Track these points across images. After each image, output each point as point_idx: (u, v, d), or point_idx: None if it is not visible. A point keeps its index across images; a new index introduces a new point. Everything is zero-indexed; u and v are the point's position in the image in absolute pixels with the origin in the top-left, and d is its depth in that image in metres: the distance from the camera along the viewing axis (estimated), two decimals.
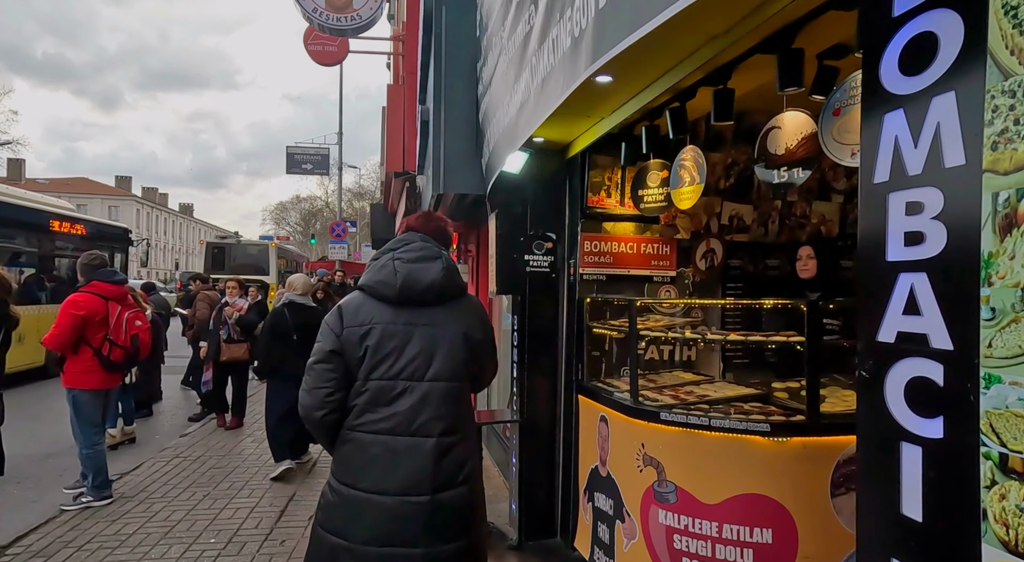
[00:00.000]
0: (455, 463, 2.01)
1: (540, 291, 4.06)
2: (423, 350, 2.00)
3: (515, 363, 4.20)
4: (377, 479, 1.93)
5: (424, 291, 2.04)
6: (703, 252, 4.05)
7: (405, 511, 1.92)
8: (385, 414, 1.96)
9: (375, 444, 1.95)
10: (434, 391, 1.99)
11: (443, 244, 2.22)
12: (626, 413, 3.18)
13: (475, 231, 7.29)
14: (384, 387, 1.97)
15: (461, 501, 2.01)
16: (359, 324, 2.00)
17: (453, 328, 2.06)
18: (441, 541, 1.95)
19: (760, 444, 2.75)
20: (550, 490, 4.08)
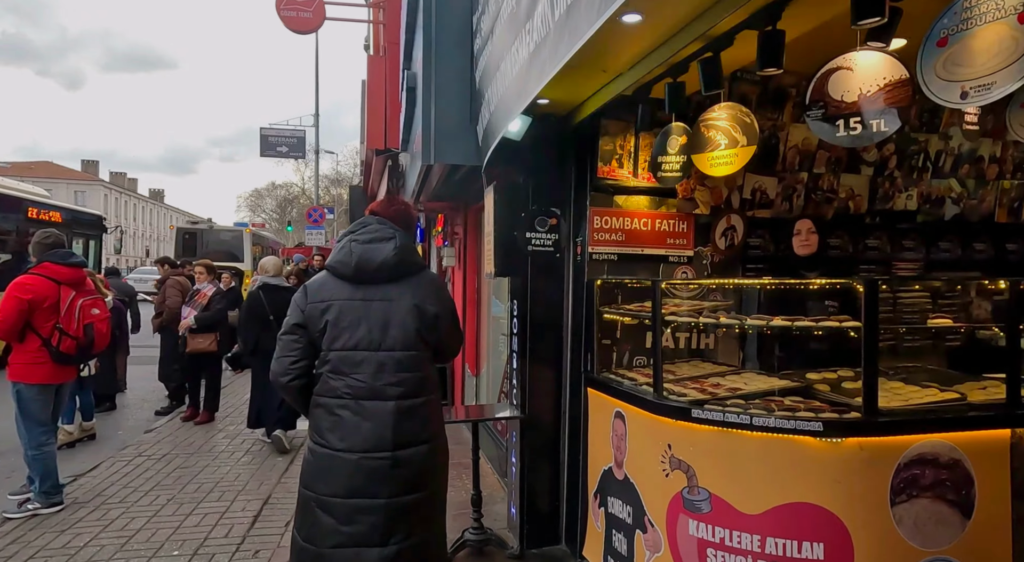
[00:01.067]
0: (415, 424, 2.22)
1: (543, 273, 3.65)
2: (378, 323, 2.22)
3: (515, 353, 3.80)
4: (343, 438, 2.16)
5: (377, 269, 2.25)
6: (723, 229, 3.67)
7: (369, 466, 2.15)
8: (347, 381, 2.19)
9: (340, 407, 2.18)
10: (390, 360, 2.20)
11: (404, 226, 2.39)
12: (648, 409, 2.79)
13: (463, 212, 6.85)
14: (344, 357, 2.20)
15: (421, 457, 2.23)
16: (320, 300, 2.24)
17: (406, 302, 2.26)
18: (402, 492, 2.18)
19: (810, 446, 2.38)
20: (554, 492, 3.70)
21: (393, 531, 2.16)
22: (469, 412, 3.73)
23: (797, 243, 3.35)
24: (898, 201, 4.03)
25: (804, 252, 3.37)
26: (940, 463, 2.45)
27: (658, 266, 3.59)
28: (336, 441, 2.18)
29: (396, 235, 2.31)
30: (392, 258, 2.26)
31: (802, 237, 3.36)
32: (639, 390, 2.97)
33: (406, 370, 2.22)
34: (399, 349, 2.23)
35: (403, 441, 2.19)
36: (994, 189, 4.20)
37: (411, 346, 2.25)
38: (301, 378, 2.24)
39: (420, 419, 2.24)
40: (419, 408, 2.25)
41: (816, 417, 2.41)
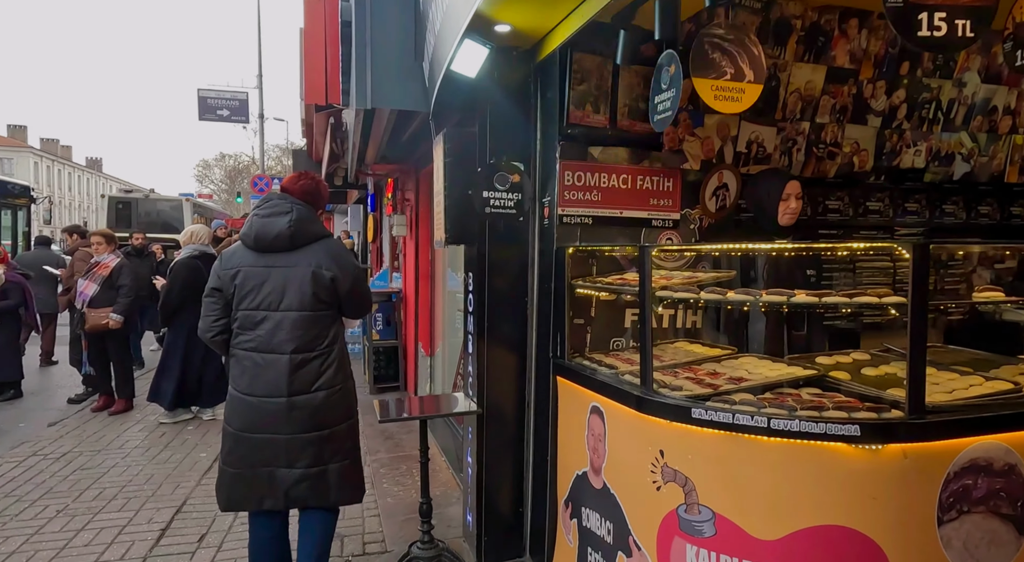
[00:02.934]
0: (309, 375, 2.53)
1: (503, 239, 3.06)
2: (277, 287, 2.52)
3: (470, 334, 3.21)
4: (248, 384, 2.52)
5: (274, 240, 2.53)
6: (714, 188, 3.13)
7: (268, 408, 2.49)
8: (251, 336, 2.52)
9: (245, 358, 2.53)
10: (286, 319, 2.51)
11: (311, 201, 2.67)
12: (635, 406, 2.25)
13: (414, 176, 6.17)
14: (248, 316, 2.53)
15: (317, 402, 2.54)
16: (231, 267, 2.55)
17: (303, 268, 2.54)
18: (301, 431, 2.51)
19: (843, 455, 1.88)
20: (517, 498, 3.16)
21: (298, 459, 2.53)
22: (417, 406, 3.15)
23: (783, 210, 2.82)
24: (905, 157, 3.55)
25: (788, 221, 2.85)
26: (994, 470, 1.98)
27: (639, 231, 3.03)
28: (244, 386, 2.54)
29: (293, 210, 2.56)
30: (286, 230, 2.53)
31: (790, 204, 2.82)
32: (622, 382, 2.43)
33: (299, 328, 2.53)
34: (295, 309, 2.52)
35: (298, 389, 2.52)
36: (1006, 145, 3.76)
37: (307, 307, 2.54)
38: (222, 334, 2.59)
39: (314, 370, 2.55)
40: (313, 361, 2.55)
41: (850, 418, 1.90)
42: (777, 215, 2.82)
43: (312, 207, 2.65)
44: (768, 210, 2.85)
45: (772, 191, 2.83)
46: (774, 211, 2.83)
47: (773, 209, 2.83)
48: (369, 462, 4.46)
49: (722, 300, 2.08)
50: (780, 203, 2.80)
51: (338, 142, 6.66)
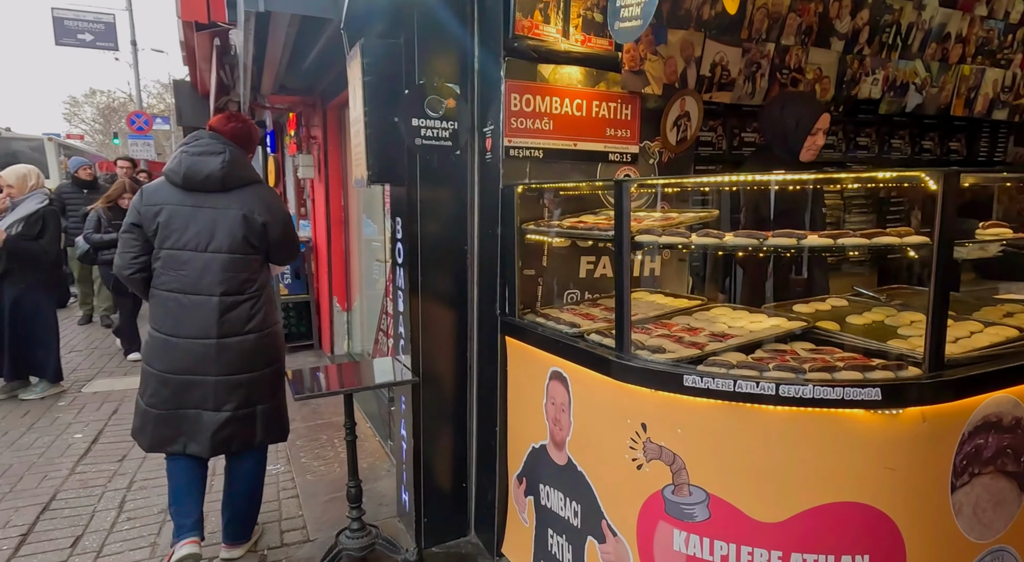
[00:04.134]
0: (240, 317, 2.49)
1: (438, 177, 2.58)
2: (205, 228, 2.45)
3: (400, 290, 2.75)
4: (173, 326, 2.46)
5: (204, 180, 2.44)
6: (675, 117, 2.76)
7: (197, 350, 2.45)
8: (175, 277, 2.45)
9: (170, 300, 2.46)
10: (214, 261, 2.45)
11: (242, 143, 2.60)
12: (609, 372, 1.90)
13: (321, 109, 5.44)
14: (173, 256, 2.45)
15: (245, 345, 2.50)
16: (154, 204, 2.46)
17: (234, 211, 2.47)
18: (229, 372, 2.48)
19: (859, 422, 1.62)
20: (460, 472, 2.80)
21: (225, 401, 2.48)
22: (338, 377, 2.67)
23: (810, 144, 2.53)
24: (863, 86, 3.33)
25: (810, 158, 2.57)
26: (1003, 426, 1.79)
27: (595, 167, 2.63)
28: (169, 328, 2.46)
29: (226, 150, 2.48)
30: (218, 171, 2.44)
31: (818, 140, 2.54)
32: (591, 343, 2.07)
33: (229, 271, 2.45)
34: (224, 252, 2.45)
35: (227, 331, 2.46)
36: (954, 75, 3.62)
37: (236, 250, 2.46)
38: (141, 272, 2.49)
39: (245, 313, 2.49)
40: (242, 304, 2.49)
41: (866, 380, 1.63)
42: (800, 149, 2.51)
43: (243, 150, 2.57)
44: (792, 142, 2.52)
45: (804, 120, 2.51)
46: (799, 144, 2.51)
47: (799, 142, 2.51)
48: None
49: (721, 245, 1.73)
50: (809, 137, 2.48)
51: (227, 70, 5.76)
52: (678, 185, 2.21)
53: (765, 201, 2.34)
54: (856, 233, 1.66)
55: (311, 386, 2.46)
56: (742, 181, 1.92)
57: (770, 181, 1.94)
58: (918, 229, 1.73)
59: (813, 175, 1.79)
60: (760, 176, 1.72)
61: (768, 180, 1.89)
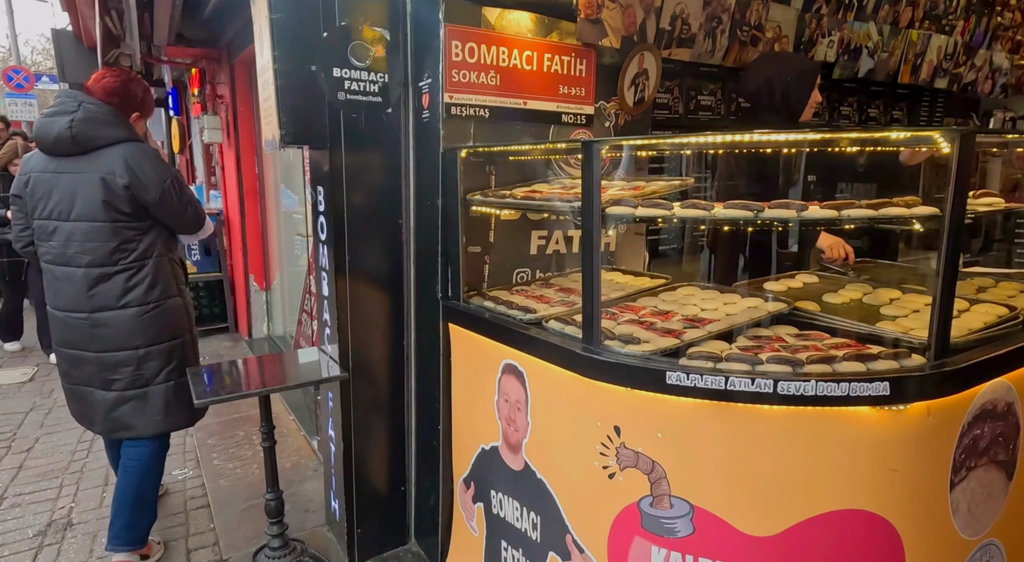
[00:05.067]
0: (113, 290, 2.29)
1: (366, 139, 2.21)
2: (66, 194, 2.26)
3: (324, 271, 2.38)
4: (52, 298, 2.34)
5: (55, 143, 2.24)
6: (633, 75, 2.48)
7: (74, 324, 2.31)
8: (47, 248, 2.31)
9: (47, 271, 2.34)
10: (78, 230, 2.26)
11: (113, 100, 2.33)
12: (576, 367, 1.63)
13: (227, 64, 4.85)
14: (41, 226, 2.31)
15: (122, 320, 2.30)
16: (25, 172, 2.34)
17: (90, 175, 2.24)
18: (110, 349, 2.31)
19: (864, 420, 1.42)
20: (398, 475, 2.50)
21: (110, 380, 2.33)
22: (251, 373, 2.29)
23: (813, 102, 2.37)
24: (819, 49, 3.16)
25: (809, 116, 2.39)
26: (998, 413, 1.66)
27: (547, 129, 2.33)
28: (51, 300, 2.36)
29: (79, 108, 2.24)
30: (66, 132, 2.21)
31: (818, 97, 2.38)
32: (551, 332, 1.79)
33: (93, 240, 2.26)
34: (87, 220, 2.25)
35: (98, 305, 2.29)
36: (903, 40, 3.52)
37: (100, 217, 2.26)
38: (32, 245, 2.37)
39: (119, 286, 2.29)
40: (116, 276, 2.29)
41: (870, 372, 1.43)
42: (804, 108, 2.30)
43: (116, 109, 2.32)
44: (795, 100, 2.30)
45: (807, 76, 2.29)
46: (803, 102, 2.29)
47: (802, 100, 2.29)
48: (191, 431, 3.52)
49: (710, 218, 1.47)
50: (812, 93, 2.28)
51: (113, 16, 5.03)
52: (653, 147, 1.94)
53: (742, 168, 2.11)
54: (862, 204, 1.44)
55: (217, 386, 2.07)
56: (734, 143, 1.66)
57: (770, 142, 1.69)
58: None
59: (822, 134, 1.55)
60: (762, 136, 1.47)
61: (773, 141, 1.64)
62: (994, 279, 2.24)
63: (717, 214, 1.47)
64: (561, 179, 2.30)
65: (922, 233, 3.35)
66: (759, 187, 2.08)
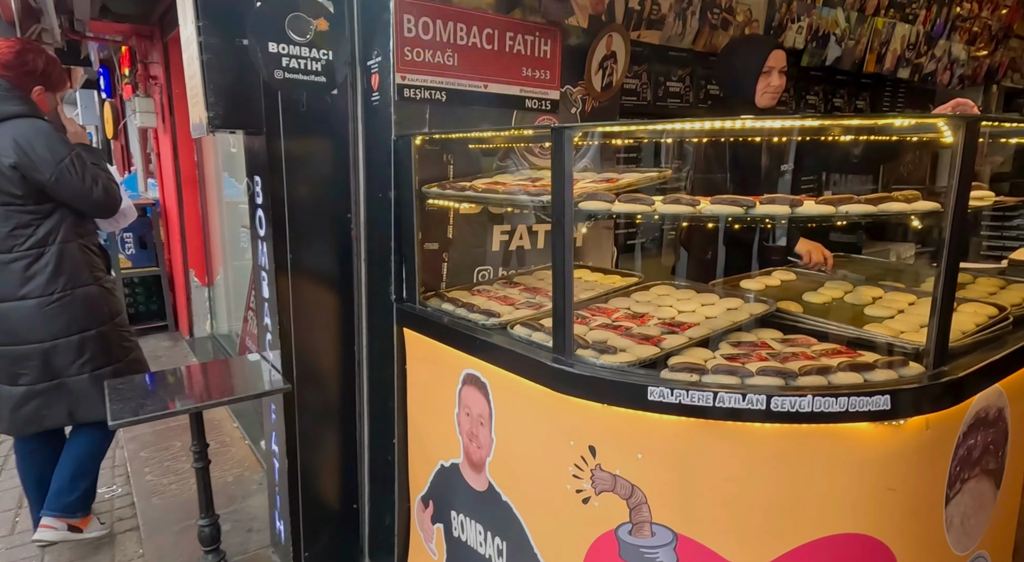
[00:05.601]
0: (11, 280, 2.15)
1: (309, 123, 1.98)
2: None
3: (264, 271, 2.15)
4: None
5: None
6: (601, 58, 2.32)
7: None
8: None
9: None
10: None
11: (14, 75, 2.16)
12: (546, 381, 1.47)
13: (160, 41, 4.49)
14: None
15: (23, 312, 2.16)
16: None
17: None
18: (11, 342, 2.18)
19: (861, 436, 1.30)
20: (350, 491, 2.30)
21: (16, 374, 2.21)
22: (188, 385, 2.05)
23: (763, 88, 2.20)
24: (788, 35, 3.06)
25: (769, 102, 2.23)
26: (990, 421, 1.57)
27: (510, 115, 2.15)
28: None
29: None
30: None
31: (772, 80, 2.21)
32: (517, 339, 1.62)
33: None
34: None
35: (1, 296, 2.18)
36: (869, 28, 3.46)
37: None
38: None
39: (17, 275, 2.16)
40: (11, 264, 2.16)
41: (867, 384, 1.31)
42: (755, 94, 2.16)
43: (11, 82, 2.14)
44: (744, 88, 2.17)
45: (751, 63, 2.18)
46: (751, 89, 2.17)
47: (750, 87, 2.17)
48: (121, 442, 3.24)
49: (695, 215, 1.32)
50: (760, 78, 2.14)
51: None
52: (630, 135, 1.76)
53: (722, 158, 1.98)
54: (861, 199, 1.31)
55: (139, 402, 1.83)
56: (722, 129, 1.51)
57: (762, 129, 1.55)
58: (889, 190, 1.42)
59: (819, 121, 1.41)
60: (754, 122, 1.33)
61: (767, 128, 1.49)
62: (972, 275, 2.17)
63: (704, 210, 1.31)
64: (527, 171, 2.12)
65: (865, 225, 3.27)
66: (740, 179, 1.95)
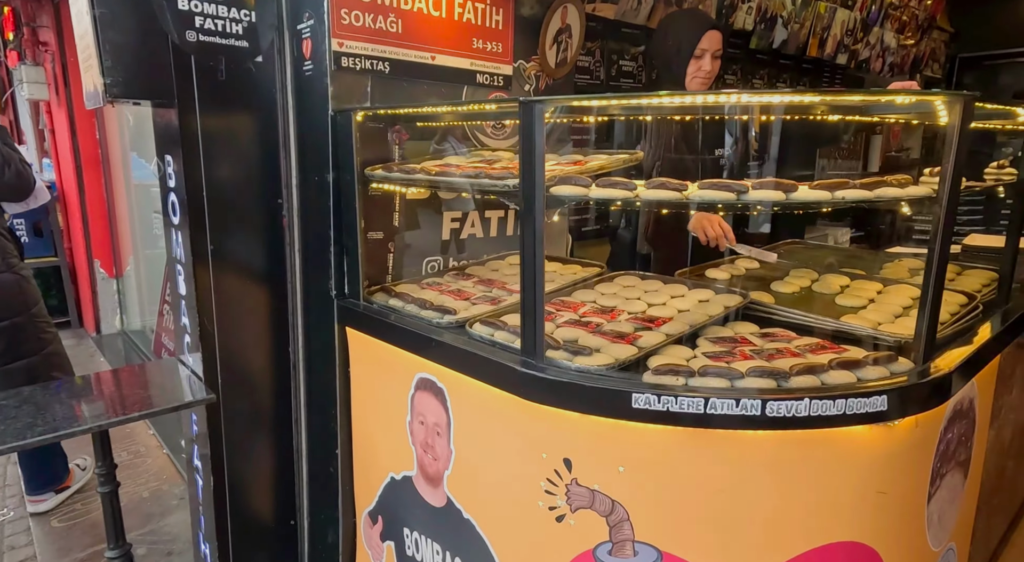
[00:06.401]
0: None
1: (229, 94, 1.73)
2: None
3: (179, 264, 1.89)
4: None
5: None
6: (556, 31, 2.15)
7: None
8: None
9: None
10: None
11: None
12: (512, 388, 1.31)
13: (51, 4, 3.99)
14: None
15: None
16: None
17: None
18: None
19: (856, 439, 1.21)
20: (286, 506, 2.08)
21: None
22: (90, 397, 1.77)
23: (693, 72, 2.02)
24: (738, 16, 3.00)
25: (698, 87, 2.07)
26: (963, 412, 1.54)
27: (460, 91, 1.95)
28: None
29: None
30: None
31: (703, 65, 2.03)
32: (477, 339, 1.45)
33: None
34: None
35: None
36: (812, 12, 3.45)
37: None
38: None
39: None
40: None
41: (860, 384, 1.22)
42: (685, 77, 1.99)
43: None
44: (674, 70, 2.00)
45: (683, 43, 1.98)
46: (680, 72, 2.00)
47: (680, 70, 1.99)
48: (12, 457, 2.87)
49: (682, 201, 1.18)
50: (691, 62, 1.97)
51: None
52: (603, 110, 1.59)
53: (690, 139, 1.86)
54: (856, 184, 1.21)
55: (27, 422, 1.55)
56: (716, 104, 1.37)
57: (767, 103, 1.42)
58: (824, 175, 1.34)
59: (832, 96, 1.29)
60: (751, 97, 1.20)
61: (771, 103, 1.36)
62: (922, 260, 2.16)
63: (692, 196, 1.18)
64: (480, 151, 1.94)
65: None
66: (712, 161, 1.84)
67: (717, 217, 1.97)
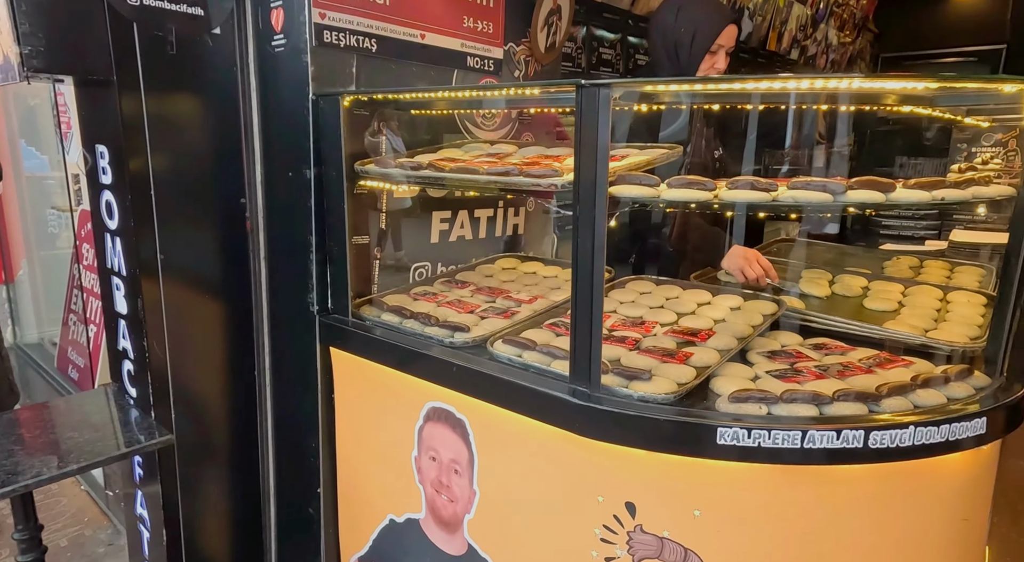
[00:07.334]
0: None
1: (181, 72, 1.42)
2: None
3: (118, 277, 1.56)
4: None
5: None
6: (548, 12, 1.95)
7: None
8: None
9: None
10: None
11: None
12: (560, 421, 1.11)
13: None
14: None
15: None
16: None
17: None
18: None
19: (953, 467, 1.10)
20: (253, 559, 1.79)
21: None
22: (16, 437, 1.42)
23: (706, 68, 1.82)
24: None
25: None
26: None
27: (449, 74, 1.72)
28: None
29: None
30: None
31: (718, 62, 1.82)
32: (507, 362, 1.24)
33: None
34: None
35: None
36: (772, 6, 3.43)
37: None
38: None
39: None
40: None
41: (951, 402, 1.11)
42: (692, 70, 1.78)
43: None
44: (684, 61, 1.78)
45: (703, 31, 1.77)
46: (694, 65, 1.78)
47: (690, 61, 1.77)
48: None
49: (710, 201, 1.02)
50: (706, 57, 1.77)
51: None
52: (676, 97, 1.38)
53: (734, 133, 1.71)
54: (911, 183, 1.08)
55: None
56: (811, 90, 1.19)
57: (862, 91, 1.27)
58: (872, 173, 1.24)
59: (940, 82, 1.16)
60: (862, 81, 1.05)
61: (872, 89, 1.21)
62: (919, 258, 2.13)
63: (783, 198, 1.02)
64: (474, 143, 1.71)
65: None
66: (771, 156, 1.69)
67: (755, 252, 1.78)
